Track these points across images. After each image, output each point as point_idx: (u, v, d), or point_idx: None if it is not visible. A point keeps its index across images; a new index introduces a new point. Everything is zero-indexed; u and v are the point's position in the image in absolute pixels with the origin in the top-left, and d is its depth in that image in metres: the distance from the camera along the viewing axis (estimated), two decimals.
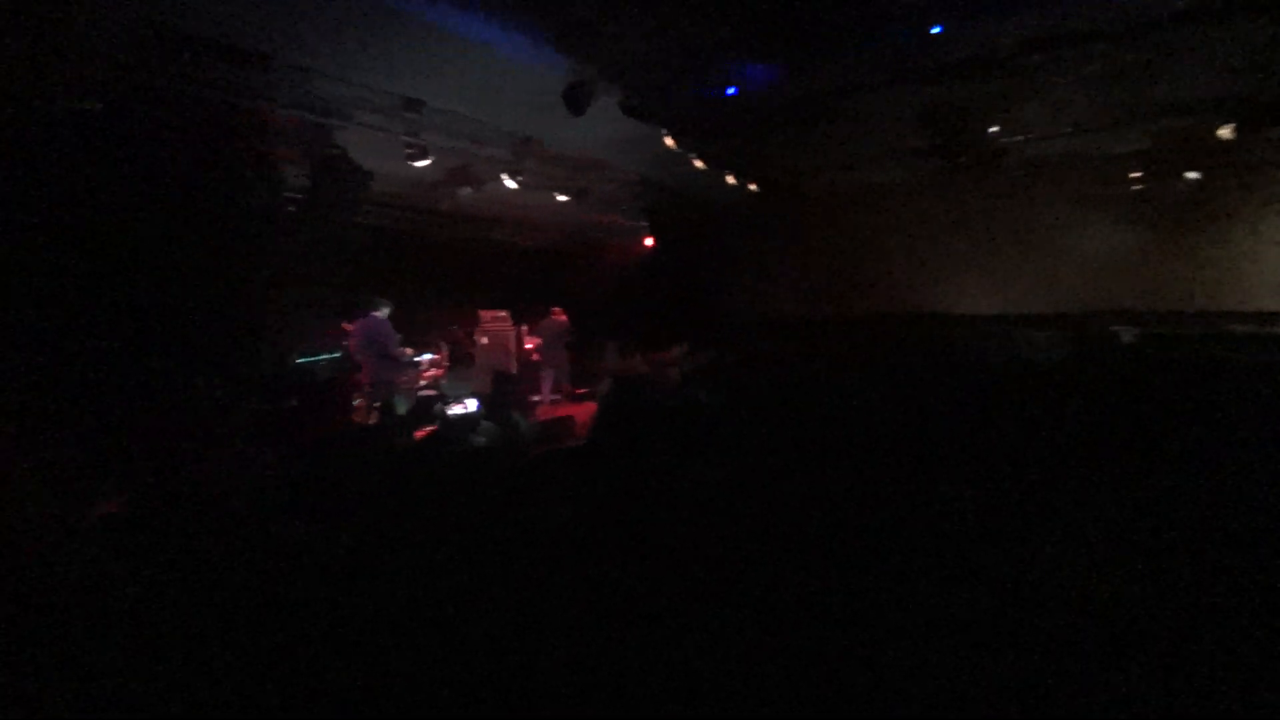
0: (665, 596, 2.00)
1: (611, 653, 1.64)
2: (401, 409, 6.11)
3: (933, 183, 8.55)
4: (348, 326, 6.92)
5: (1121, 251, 8.11)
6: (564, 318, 9.71)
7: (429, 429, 3.77)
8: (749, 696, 1.46)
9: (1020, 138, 6.34)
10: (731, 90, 6.16)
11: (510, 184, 7.03)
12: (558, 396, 9.71)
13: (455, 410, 3.79)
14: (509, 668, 1.61)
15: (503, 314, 10.35)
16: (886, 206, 9.14)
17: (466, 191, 7.79)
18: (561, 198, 7.88)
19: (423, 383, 8.26)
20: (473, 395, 4.26)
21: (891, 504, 2.63)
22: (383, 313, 6.83)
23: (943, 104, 5.57)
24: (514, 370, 9.54)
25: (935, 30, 5.45)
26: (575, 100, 4.98)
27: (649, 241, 10.83)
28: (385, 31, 4.41)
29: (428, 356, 8.77)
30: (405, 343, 8.66)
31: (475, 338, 9.95)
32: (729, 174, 7.04)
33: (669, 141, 5.85)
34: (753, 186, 7.42)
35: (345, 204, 5.44)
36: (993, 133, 6.02)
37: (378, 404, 6.28)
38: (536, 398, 9.46)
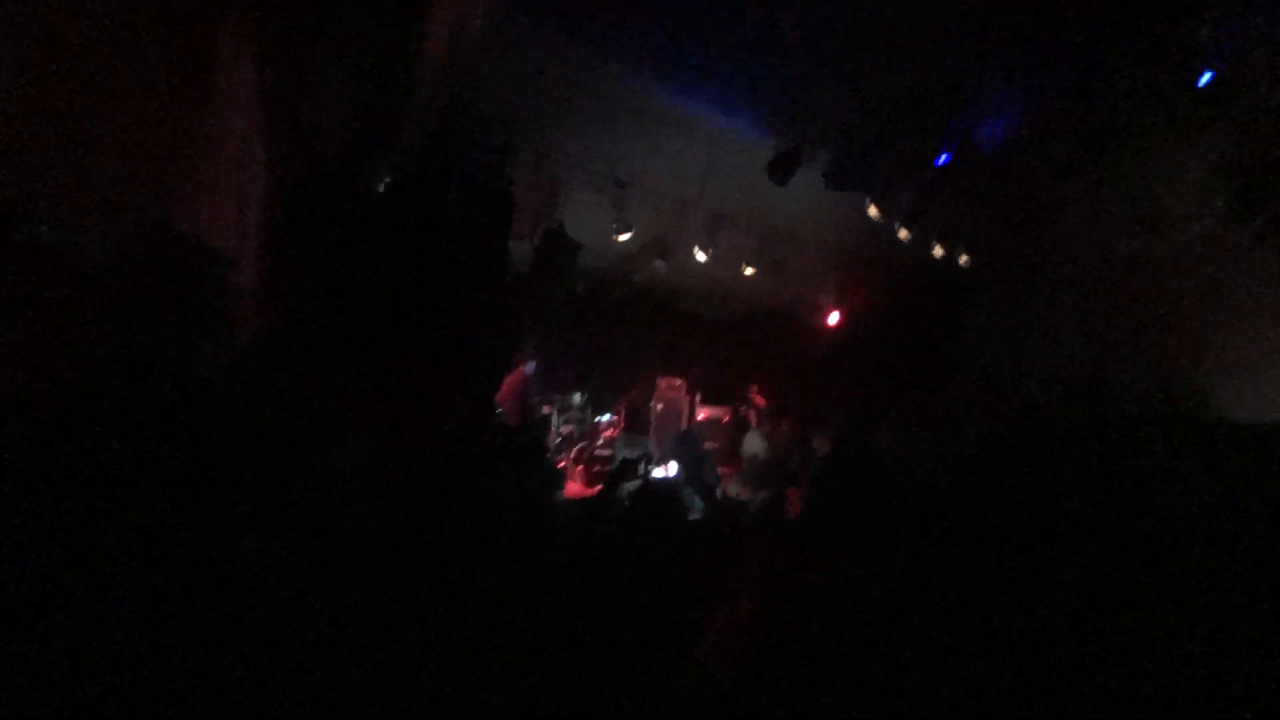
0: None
1: None
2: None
3: (1220, 251, 7.08)
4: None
5: None
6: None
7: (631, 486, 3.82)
8: None
9: None
10: (943, 158, 5.84)
11: (701, 257, 7.27)
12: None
13: (658, 473, 3.80)
14: None
15: (678, 382, 10.57)
16: (1162, 280, 7.72)
17: (659, 264, 8.20)
18: (750, 270, 7.93)
19: (600, 441, 8.57)
20: (673, 459, 4.28)
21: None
22: (529, 368, 7.27)
23: (1244, 158, 4.69)
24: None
25: (1205, 78, 4.71)
26: (780, 171, 5.04)
27: (834, 317, 10.42)
28: (609, 113, 4.91)
29: (606, 417, 9.16)
30: (588, 403, 9.20)
31: (651, 403, 10.24)
32: (936, 245, 6.57)
33: (873, 211, 5.64)
34: (963, 258, 6.84)
35: (561, 273, 6.00)
36: None
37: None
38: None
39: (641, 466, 4.11)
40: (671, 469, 4.00)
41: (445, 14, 2.84)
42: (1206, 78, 4.73)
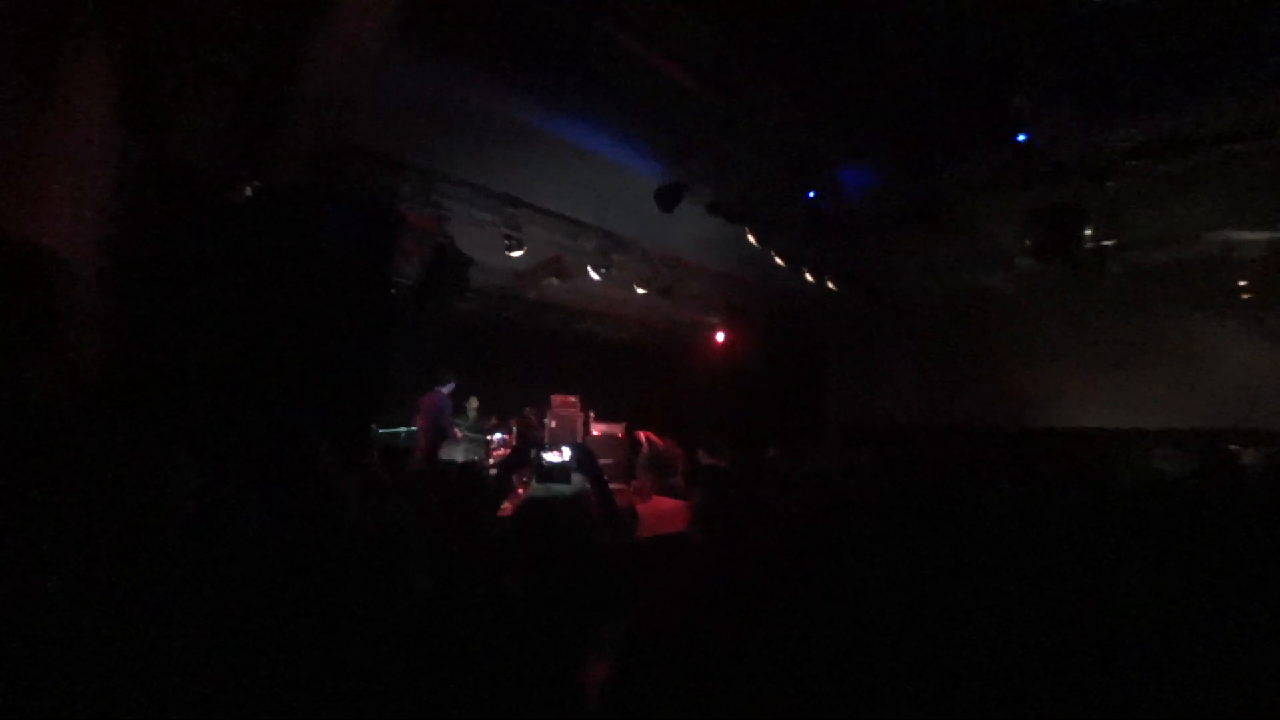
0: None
1: None
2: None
3: (1038, 288, 8.37)
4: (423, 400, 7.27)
5: (1242, 366, 7.50)
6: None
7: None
8: None
9: (1128, 243, 6.21)
10: (811, 194, 6.42)
11: (594, 276, 7.43)
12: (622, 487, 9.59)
13: (551, 457, 3.77)
14: None
15: (572, 399, 10.60)
16: (993, 311, 8.94)
17: (553, 283, 8.27)
18: (641, 291, 8.19)
19: (491, 461, 8.42)
20: (567, 445, 4.26)
21: (1009, 624, 2.41)
22: (447, 388, 7.13)
23: (1045, 207, 5.58)
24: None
25: (1020, 138, 5.60)
26: (665, 199, 5.31)
27: (720, 337, 10.97)
28: (497, 136, 4.95)
29: (499, 436, 9.01)
30: (482, 421, 9.01)
31: (545, 421, 10.19)
32: (807, 272, 7.17)
33: (751, 239, 6.07)
34: (831, 285, 7.51)
35: (451, 289, 5.91)
36: (1099, 238, 5.94)
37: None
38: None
39: (533, 451, 4.06)
40: (565, 453, 3.98)
41: (333, 33, 2.78)
42: (1022, 137, 5.65)
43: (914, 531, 3.29)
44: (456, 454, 8.62)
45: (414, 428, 7.51)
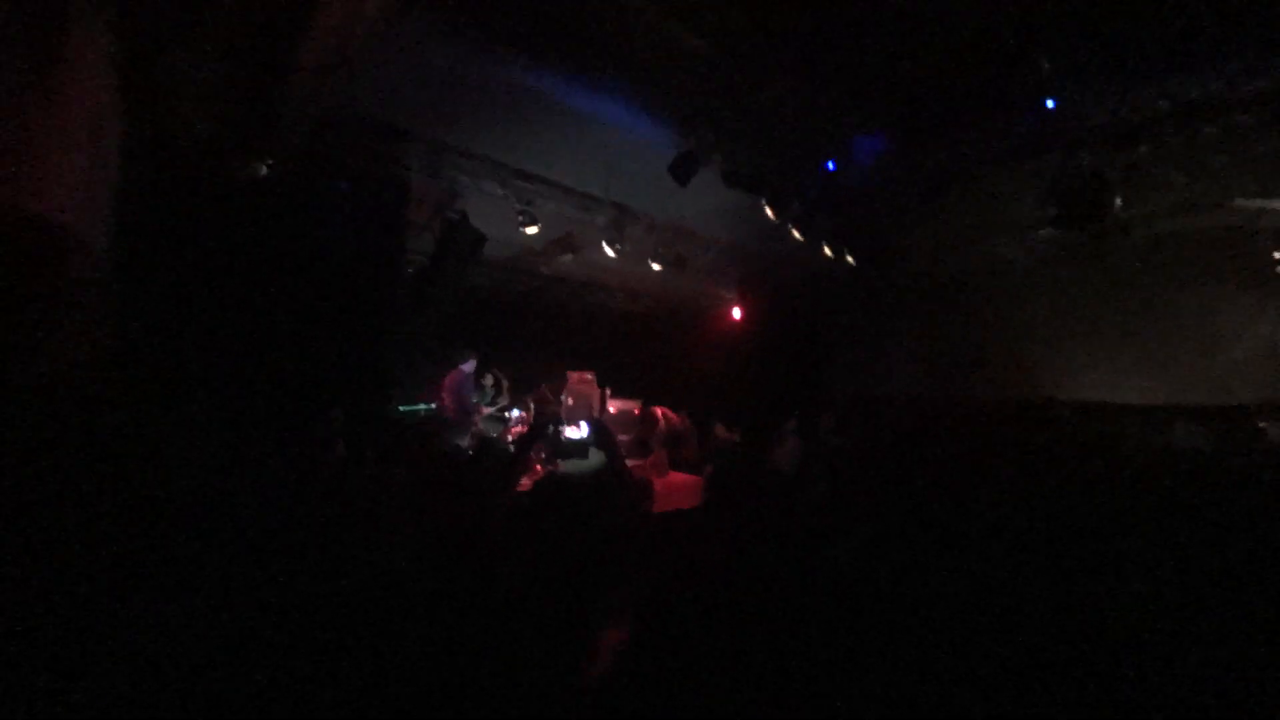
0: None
1: None
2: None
3: (1055, 260, 8.19)
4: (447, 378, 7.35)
5: (1267, 338, 7.30)
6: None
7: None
8: None
9: (1152, 212, 6.02)
10: (830, 164, 6.28)
11: (609, 252, 7.37)
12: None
13: (570, 433, 3.81)
14: None
15: (589, 376, 10.63)
16: (1009, 284, 8.76)
17: (567, 258, 8.22)
18: (656, 266, 8.13)
19: (510, 438, 8.50)
20: (584, 420, 4.29)
21: (1023, 605, 2.40)
22: (469, 366, 7.19)
23: (1067, 175, 5.41)
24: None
25: (1050, 104, 5.41)
26: (681, 171, 5.23)
27: (737, 312, 10.91)
28: (515, 109, 4.88)
29: (516, 413, 9.09)
30: (498, 398, 9.08)
31: (562, 397, 10.24)
32: (825, 246, 7.06)
33: (769, 212, 5.97)
34: (849, 259, 7.39)
35: (465, 264, 5.90)
36: (1121, 206, 5.78)
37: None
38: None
39: (551, 427, 4.06)
40: (583, 429, 3.97)
41: (334, 7, 2.73)
42: (1051, 104, 5.47)
43: (931, 507, 3.28)
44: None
45: (433, 405, 7.60)
